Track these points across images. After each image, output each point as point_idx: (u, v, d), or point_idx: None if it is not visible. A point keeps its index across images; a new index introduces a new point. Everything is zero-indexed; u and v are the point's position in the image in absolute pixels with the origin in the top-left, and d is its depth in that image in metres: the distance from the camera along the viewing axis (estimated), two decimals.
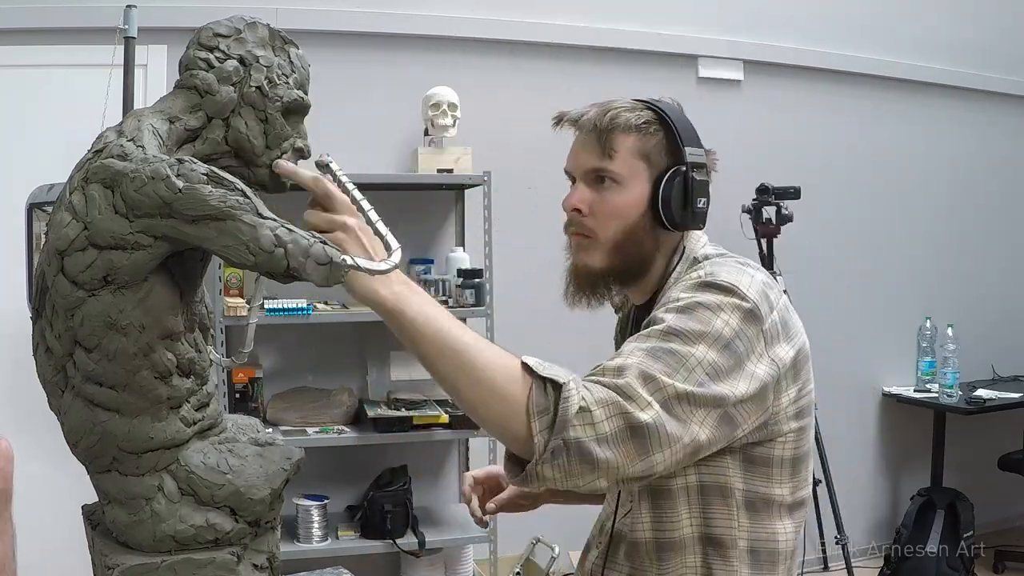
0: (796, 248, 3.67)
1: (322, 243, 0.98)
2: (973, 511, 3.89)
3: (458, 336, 1.11)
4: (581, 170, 1.34)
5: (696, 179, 1.30)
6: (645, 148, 1.31)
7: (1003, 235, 4.61)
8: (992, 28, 4.51)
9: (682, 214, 1.30)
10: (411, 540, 3.16)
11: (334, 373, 3.37)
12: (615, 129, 1.30)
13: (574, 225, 1.34)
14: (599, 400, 1.09)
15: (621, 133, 1.30)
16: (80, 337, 1.02)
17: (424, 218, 3.53)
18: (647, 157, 1.31)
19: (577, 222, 1.33)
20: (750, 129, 3.91)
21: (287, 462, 1.17)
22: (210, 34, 1.11)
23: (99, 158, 1.01)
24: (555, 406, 1.08)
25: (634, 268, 1.33)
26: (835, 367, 4.02)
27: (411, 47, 3.48)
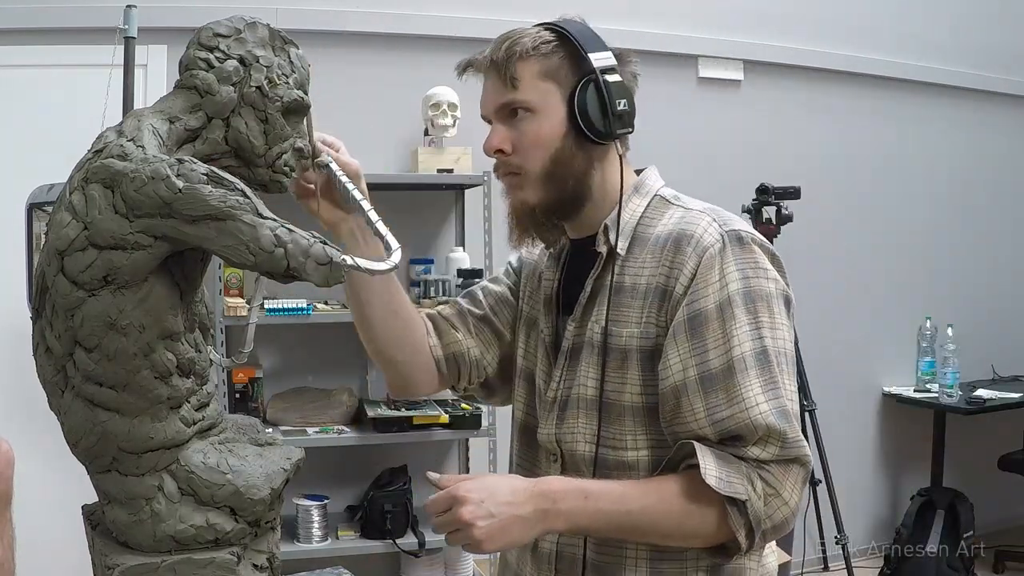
0: (796, 248, 3.66)
1: (322, 243, 0.98)
2: (973, 511, 3.89)
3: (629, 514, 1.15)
4: (493, 108, 1.29)
5: (609, 80, 1.23)
6: (549, 68, 1.25)
7: (1003, 235, 4.61)
8: (992, 28, 4.51)
9: (604, 121, 1.23)
10: (411, 540, 3.16)
11: (334, 373, 3.37)
12: (512, 57, 1.25)
13: (501, 166, 1.30)
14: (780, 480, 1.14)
15: (520, 60, 1.25)
16: (80, 337, 1.02)
17: (424, 218, 3.53)
18: (554, 76, 1.25)
19: (503, 162, 1.29)
20: (750, 129, 3.91)
21: (287, 462, 1.17)
22: (210, 34, 1.11)
23: (99, 158, 1.01)
24: (747, 513, 1.13)
25: (572, 194, 1.27)
26: (835, 367, 4.02)
27: (411, 47, 3.48)
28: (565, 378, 1.31)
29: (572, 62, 1.26)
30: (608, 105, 1.23)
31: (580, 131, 1.24)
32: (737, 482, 1.12)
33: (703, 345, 1.17)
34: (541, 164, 1.26)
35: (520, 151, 1.27)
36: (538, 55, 1.25)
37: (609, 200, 1.29)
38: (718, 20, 3.91)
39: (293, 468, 1.18)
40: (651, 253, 1.25)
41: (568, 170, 1.26)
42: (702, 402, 1.16)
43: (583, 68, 1.25)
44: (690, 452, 1.15)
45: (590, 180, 1.28)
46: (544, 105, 1.25)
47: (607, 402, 1.25)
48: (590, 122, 1.24)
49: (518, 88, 1.25)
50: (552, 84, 1.25)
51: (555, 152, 1.25)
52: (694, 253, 1.20)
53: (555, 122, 1.25)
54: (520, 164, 1.27)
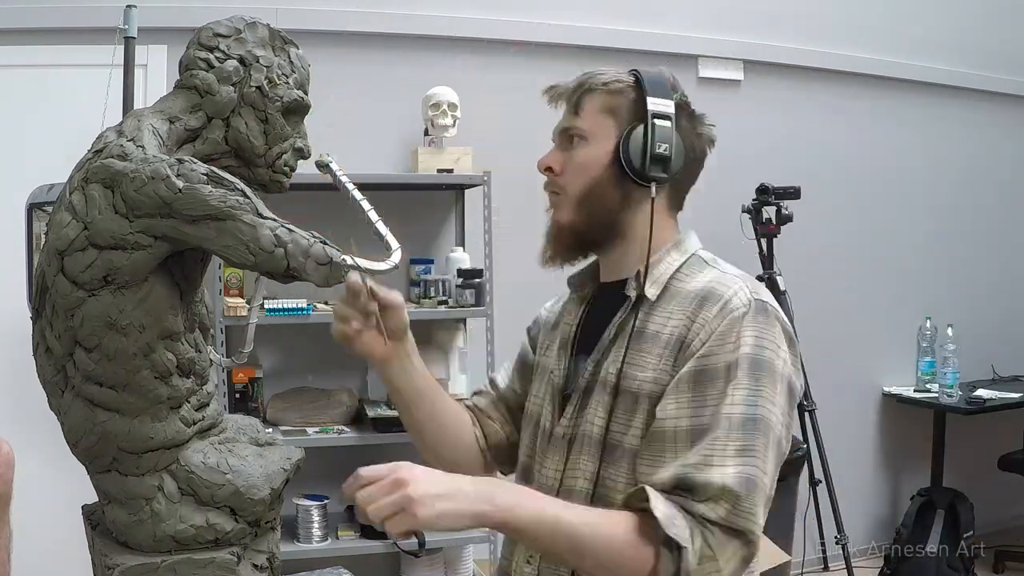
0: (796, 248, 3.67)
1: (322, 243, 0.98)
2: (973, 511, 3.89)
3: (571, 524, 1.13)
4: (556, 131, 1.38)
5: (657, 124, 1.29)
6: (612, 104, 1.32)
7: (1003, 235, 4.61)
8: (992, 28, 4.50)
9: (642, 161, 1.29)
10: (411, 540, 3.15)
11: (334, 373, 3.37)
12: (583, 88, 1.33)
13: (548, 185, 1.37)
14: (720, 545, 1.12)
15: (588, 92, 1.33)
16: (80, 337, 1.02)
17: (424, 218, 3.53)
18: (614, 113, 1.32)
19: (549, 181, 1.37)
20: (750, 129, 3.90)
21: (287, 462, 1.17)
22: (210, 34, 1.11)
23: (99, 158, 1.01)
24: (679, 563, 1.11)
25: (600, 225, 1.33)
26: (835, 367, 4.02)
27: (411, 47, 3.48)
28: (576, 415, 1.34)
29: (636, 105, 1.32)
30: (649, 147, 1.28)
31: (620, 167, 1.30)
32: (681, 527, 1.11)
33: (703, 400, 1.19)
34: (579, 188, 1.32)
35: (566, 173, 1.34)
36: (606, 91, 1.33)
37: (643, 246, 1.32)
38: (718, 20, 3.90)
39: (293, 468, 1.18)
40: (679, 305, 1.28)
41: (601, 200, 1.32)
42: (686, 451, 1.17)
43: (643, 110, 1.31)
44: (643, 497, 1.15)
45: (624, 218, 1.33)
46: (597, 136, 1.32)
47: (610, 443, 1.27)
48: (629, 159, 1.29)
49: (579, 116, 1.33)
50: (610, 119, 1.32)
51: (593, 180, 1.32)
52: (720, 314, 1.23)
53: (602, 152, 1.32)
54: (563, 185, 1.34)
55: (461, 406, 1.54)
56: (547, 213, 1.39)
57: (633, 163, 1.29)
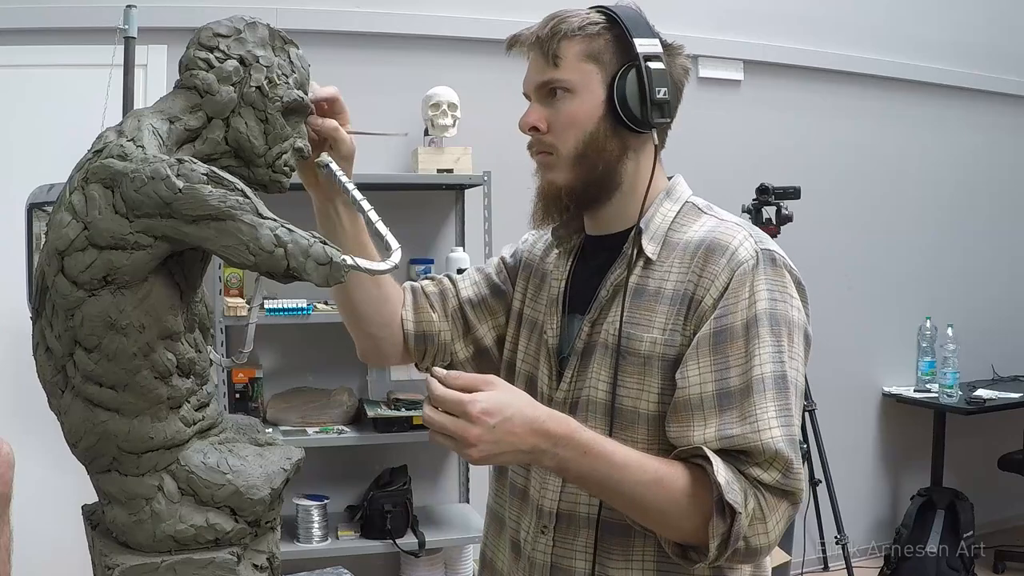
0: (796, 248, 3.65)
1: (322, 243, 0.98)
2: (973, 511, 3.89)
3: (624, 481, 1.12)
4: (533, 86, 1.28)
5: (652, 68, 1.21)
6: (593, 50, 1.23)
7: (1003, 235, 4.61)
8: (993, 28, 4.51)
9: (641, 108, 1.21)
10: (411, 540, 3.16)
11: (334, 373, 3.37)
12: (557, 35, 1.23)
13: (535, 144, 1.28)
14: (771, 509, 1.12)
15: (565, 39, 1.23)
16: (80, 337, 1.02)
17: (424, 218, 3.53)
18: (597, 59, 1.23)
19: (536, 140, 1.27)
20: (750, 129, 3.91)
21: (287, 462, 1.17)
22: (210, 34, 1.11)
23: (99, 158, 1.01)
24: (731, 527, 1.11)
25: (601, 181, 1.25)
26: (835, 367, 4.02)
27: (411, 47, 3.48)
28: (576, 379, 1.28)
29: (617, 46, 1.24)
30: (647, 92, 1.21)
31: (617, 116, 1.22)
32: (738, 492, 1.11)
33: (725, 361, 1.16)
34: (574, 145, 1.23)
35: (554, 130, 1.25)
36: (583, 35, 1.23)
37: (638, 196, 1.26)
38: (718, 20, 3.91)
39: (293, 468, 1.18)
40: (679, 259, 1.23)
41: (600, 154, 1.23)
42: (716, 418, 1.15)
43: (627, 53, 1.23)
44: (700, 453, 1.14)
45: (621, 169, 1.25)
46: (583, 86, 1.23)
47: (620, 408, 1.22)
48: (627, 107, 1.21)
49: (559, 67, 1.24)
50: (594, 66, 1.23)
51: (589, 134, 1.23)
52: (727, 266, 1.18)
53: (593, 104, 1.23)
54: (553, 143, 1.25)
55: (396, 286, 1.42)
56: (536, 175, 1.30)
57: (632, 110, 1.21)
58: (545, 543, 1.29)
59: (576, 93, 1.23)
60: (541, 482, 1.30)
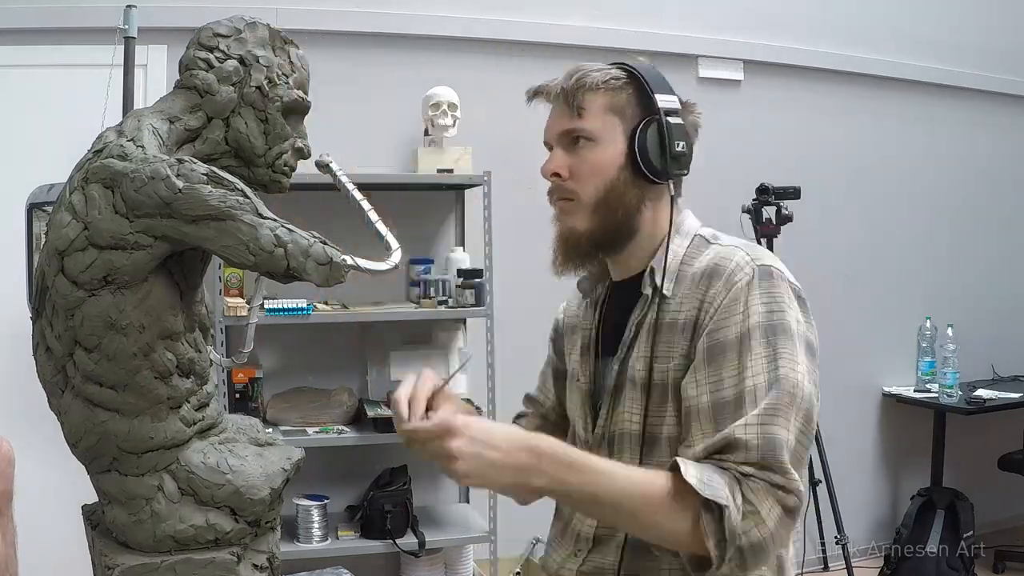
0: (796, 248, 3.66)
1: (322, 243, 0.98)
2: (973, 511, 3.88)
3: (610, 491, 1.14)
4: (555, 134, 1.32)
5: (671, 123, 1.27)
6: (616, 103, 1.29)
7: (1003, 235, 4.61)
8: (992, 28, 4.50)
9: (661, 160, 1.27)
10: (411, 540, 3.16)
11: (334, 373, 3.37)
12: (581, 88, 1.29)
13: (556, 191, 1.32)
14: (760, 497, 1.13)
15: (589, 91, 1.29)
16: (80, 337, 1.02)
17: (424, 218, 3.53)
18: (619, 111, 1.29)
19: (558, 186, 1.32)
20: (750, 129, 3.90)
21: (287, 462, 1.17)
22: (210, 34, 1.11)
23: (99, 158, 1.01)
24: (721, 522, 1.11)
25: (620, 228, 1.30)
26: (835, 367, 4.00)
27: (411, 47, 3.47)
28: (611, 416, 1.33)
29: (638, 100, 1.29)
30: (667, 145, 1.27)
31: (636, 166, 1.28)
32: (719, 487, 1.11)
33: (719, 374, 1.19)
34: (595, 192, 1.29)
35: (576, 178, 1.30)
36: (606, 89, 1.29)
37: (654, 239, 1.32)
38: (718, 20, 3.90)
39: (293, 468, 1.18)
40: (688, 289, 1.27)
41: (620, 202, 1.29)
42: (712, 427, 1.17)
43: (648, 107, 1.29)
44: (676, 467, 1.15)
45: (639, 216, 1.31)
46: (606, 136, 1.29)
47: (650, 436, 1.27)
48: (648, 159, 1.27)
49: (583, 117, 1.29)
50: (616, 118, 1.29)
51: (610, 182, 1.28)
52: (725, 286, 1.22)
53: (614, 154, 1.28)
54: (574, 190, 1.30)
55: None
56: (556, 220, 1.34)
57: (652, 163, 1.27)
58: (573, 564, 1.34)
59: (598, 143, 1.29)
60: None
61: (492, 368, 3.25)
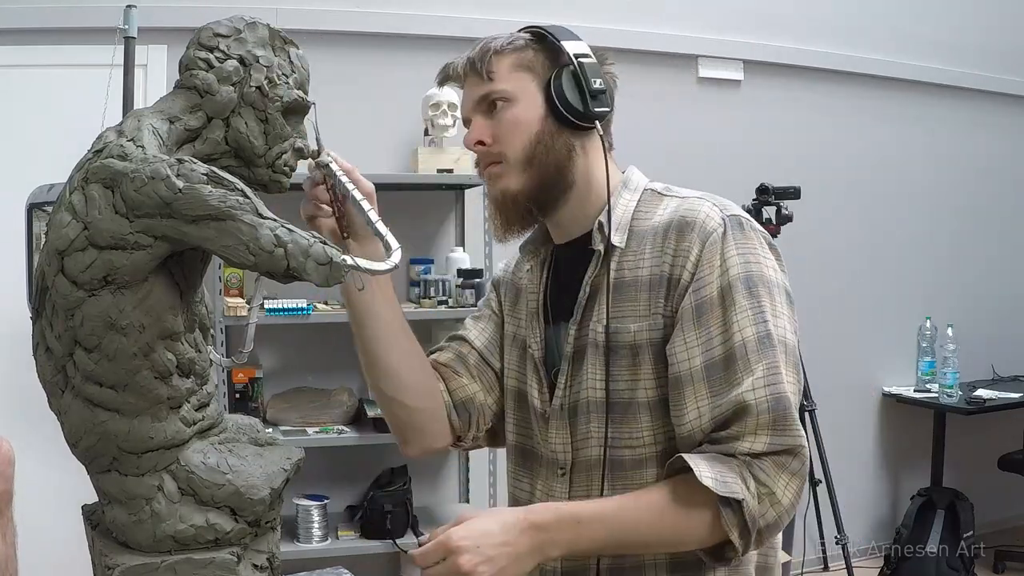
0: (796, 248, 3.65)
1: (322, 243, 0.98)
2: (973, 511, 3.89)
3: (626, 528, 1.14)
4: (471, 105, 1.30)
5: (584, 62, 1.24)
6: (523, 60, 1.27)
7: (1003, 235, 4.61)
8: (992, 28, 4.51)
9: (581, 101, 1.24)
10: (411, 540, 3.16)
11: (334, 373, 3.37)
12: (486, 53, 1.28)
13: (483, 158, 1.30)
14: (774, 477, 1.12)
15: (494, 55, 1.27)
16: (80, 337, 1.02)
17: (424, 218, 3.53)
18: (528, 67, 1.27)
19: (484, 153, 1.29)
20: (750, 129, 3.90)
21: (287, 462, 1.17)
22: (210, 34, 1.11)
23: (99, 158, 1.01)
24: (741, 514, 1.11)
25: (555, 180, 1.26)
26: (835, 367, 4.02)
27: (411, 47, 3.48)
28: (570, 384, 1.28)
29: (547, 54, 1.28)
30: (584, 84, 1.24)
31: (559, 114, 1.24)
32: (732, 481, 1.10)
33: (707, 333, 1.16)
34: (521, 148, 1.25)
35: (500, 139, 1.27)
36: (512, 48, 1.28)
37: (594, 194, 1.28)
38: (718, 20, 3.90)
39: (293, 468, 1.18)
40: (650, 243, 1.23)
41: (549, 153, 1.25)
42: (705, 389, 1.15)
43: (557, 58, 1.27)
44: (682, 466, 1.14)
45: (572, 166, 1.27)
46: (521, 92, 1.26)
47: (619, 401, 1.23)
48: (567, 103, 1.24)
49: (494, 80, 1.27)
50: (527, 74, 1.27)
51: (534, 135, 1.25)
52: (698, 239, 1.19)
53: (532, 106, 1.26)
54: (500, 151, 1.27)
55: None
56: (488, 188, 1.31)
57: (572, 105, 1.24)
58: None
59: (515, 100, 1.26)
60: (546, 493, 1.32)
61: None
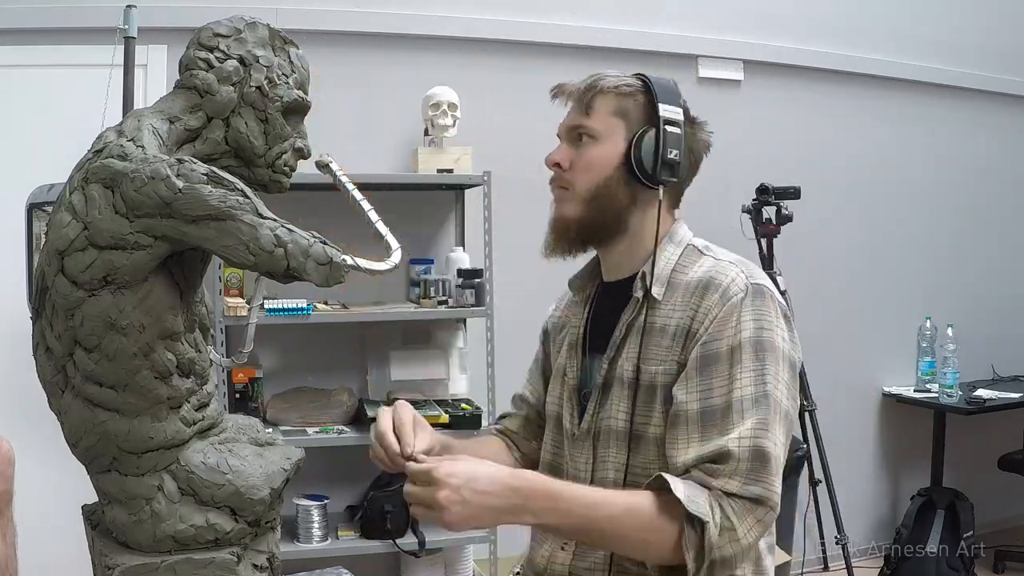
0: (796, 248, 3.66)
1: (322, 243, 0.98)
2: (973, 511, 3.89)
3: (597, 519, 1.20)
4: (565, 129, 1.42)
5: (668, 131, 1.34)
6: (622, 107, 1.37)
7: (1003, 235, 4.61)
8: (992, 28, 4.50)
9: (653, 165, 1.34)
10: (411, 540, 3.16)
11: (334, 373, 3.37)
12: (593, 89, 1.38)
13: (555, 180, 1.41)
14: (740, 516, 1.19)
15: (600, 94, 1.38)
16: (80, 337, 1.02)
17: (424, 218, 3.53)
18: (624, 115, 1.37)
19: (557, 176, 1.41)
20: (750, 129, 3.90)
21: (287, 462, 1.17)
22: (210, 34, 1.11)
23: (99, 158, 1.01)
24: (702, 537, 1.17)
25: (608, 222, 1.38)
26: (835, 367, 4.02)
27: (411, 47, 3.47)
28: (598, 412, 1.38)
29: (645, 108, 1.38)
30: (660, 152, 1.34)
31: (630, 168, 1.35)
32: (702, 504, 1.18)
33: (709, 383, 1.25)
34: (588, 185, 1.37)
35: (574, 170, 1.38)
36: (616, 93, 1.38)
37: (645, 243, 1.39)
38: (718, 20, 3.90)
39: (293, 468, 1.18)
40: (681, 297, 1.34)
41: (610, 199, 1.37)
42: (698, 432, 1.24)
43: (653, 115, 1.36)
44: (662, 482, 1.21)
45: (628, 216, 1.38)
46: (607, 136, 1.37)
47: (636, 434, 1.33)
48: (640, 162, 1.35)
49: (590, 116, 1.38)
50: (621, 121, 1.37)
51: (603, 179, 1.36)
52: (720, 300, 1.29)
53: (612, 153, 1.36)
54: (570, 180, 1.39)
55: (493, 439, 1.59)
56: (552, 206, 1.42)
57: (644, 165, 1.34)
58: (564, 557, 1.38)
59: (600, 141, 1.37)
60: None
61: (492, 368, 3.25)
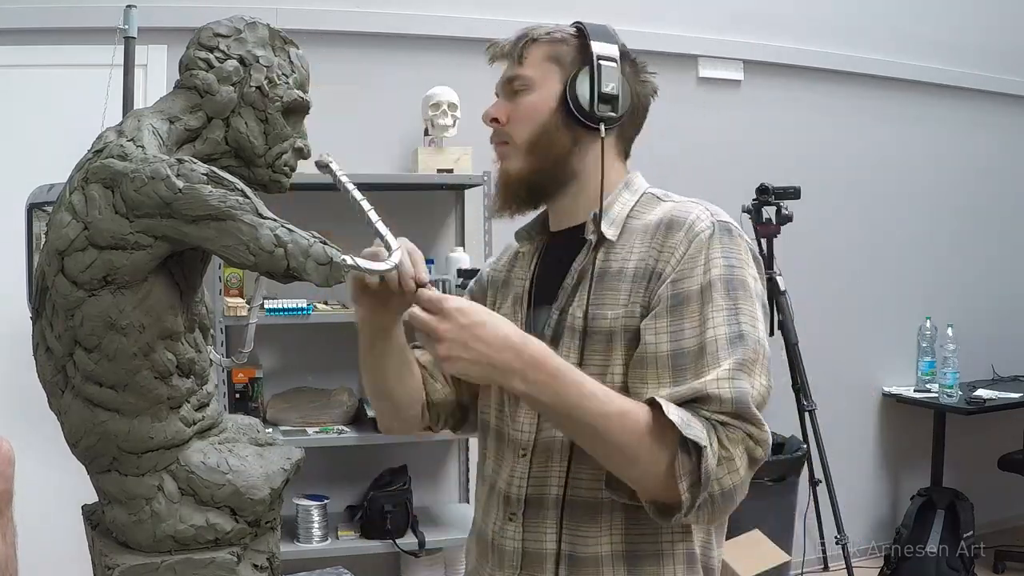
0: (796, 248, 3.66)
1: (322, 243, 0.98)
2: (973, 511, 3.89)
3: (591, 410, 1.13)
4: (500, 84, 1.37)
5: (604, 66, 1.29)
6: (555, 52, 1.33)
7: (1003, 235, 4.61)
8: (992, 28, 4.50)
9: (590, 101, 1.29)
10: (411, 540, 3.16)
11: (334, 373, 3.37)
12: (525, 39, 1.34)
13: (494, 136, 1.36)
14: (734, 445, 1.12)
15: (531, 42, 1.34)
16: (80, 337, 1.02)
17: (424, 218, 3.53)
18: (558, 60, 1.32)
19: (496, 131, 1.36)
20: (750, 129, 3.90)
21: (287, 462, 1.17)
22: (210, 34, 1.11)
23: (99, 158, 1.01)
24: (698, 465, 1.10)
25: (553, 171, 1.32)
26: (835, 367, 4.02)
27: (411, 47, 3.48)
28: None
29: (579, 51, 1.33)
30: (595, 86, 1.29)
31: (568, 110, 1.29)
32: (698, 428, 1.11)
33: (680, 324, 1.19)
34: (527, 135, 1.31)
35: (512, 122, 1.33)
36: (549, 39, 1.34)
37: (594, 190, 1.32)
38: (718, 20, 3.90)
39: (293, 468, 1.18)
40: (640, 239, 1.28)
41: (551, 145, 1.31)
42: (669, 376, 1.17)
43: (587, 56, 1.31)
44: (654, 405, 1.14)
45: (572, 160, 1.32)
46: (542, 82, 1.32)
47: None
48: (577, 101, 1.29)
49: (523, 65, 1.33)
50: (555, 66, 1.32)
51: (541, 125, 1.31)
52: (685, 237, 1.24)
53: (548, 98, 1.31)
54: (509, 133, 1.33)
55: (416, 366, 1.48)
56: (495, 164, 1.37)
57: (581, 104, 1.29)
58: (514, 530, 1.30)
59: (535, 89, 1.32)
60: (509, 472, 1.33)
61: None
